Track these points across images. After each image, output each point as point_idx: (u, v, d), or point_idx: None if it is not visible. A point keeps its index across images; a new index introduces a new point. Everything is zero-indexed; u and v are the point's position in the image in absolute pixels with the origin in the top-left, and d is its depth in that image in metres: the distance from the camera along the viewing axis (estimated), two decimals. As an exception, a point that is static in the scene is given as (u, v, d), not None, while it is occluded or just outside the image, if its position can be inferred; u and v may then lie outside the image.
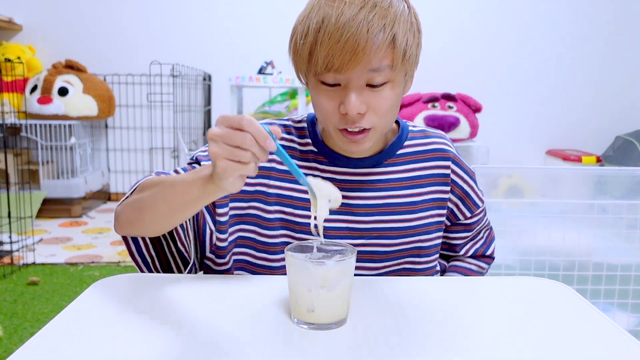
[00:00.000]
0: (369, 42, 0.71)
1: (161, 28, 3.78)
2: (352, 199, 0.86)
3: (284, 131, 0.90)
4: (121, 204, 0.81)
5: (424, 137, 0.91)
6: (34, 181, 3.28)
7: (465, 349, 0.60)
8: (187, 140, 3.47)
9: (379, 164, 0.87)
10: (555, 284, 0.82)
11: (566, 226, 1.55)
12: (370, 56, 0.72)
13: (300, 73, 0.80)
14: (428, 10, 3.71)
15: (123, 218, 0.80)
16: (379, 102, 0.76)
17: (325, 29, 0.72)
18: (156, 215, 0.74)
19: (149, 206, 0.75)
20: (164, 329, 0.64)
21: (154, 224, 0.76)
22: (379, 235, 0.87)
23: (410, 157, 0.89)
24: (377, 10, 0.72)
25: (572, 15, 3.83)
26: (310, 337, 0.63)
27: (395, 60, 0.74)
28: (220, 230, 0.84)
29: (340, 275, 0.65)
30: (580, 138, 3.94)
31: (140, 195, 0.77)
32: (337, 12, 0.72)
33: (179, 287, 0.77)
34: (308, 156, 0.88)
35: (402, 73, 0.77)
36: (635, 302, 1.62)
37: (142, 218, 0.76)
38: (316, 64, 0.74)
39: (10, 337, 1.79)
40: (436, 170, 0.89)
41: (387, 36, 0.72)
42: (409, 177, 0.88)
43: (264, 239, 0.86)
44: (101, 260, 2.57)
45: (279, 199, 0.86)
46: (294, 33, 0.79)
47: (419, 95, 3.43)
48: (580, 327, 0.67)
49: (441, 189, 0.90)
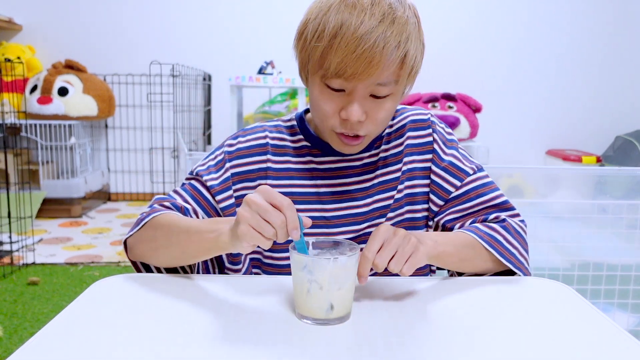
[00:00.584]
0: (383, 57, 0.72)
1: (161, 28, 3.79)
2: (350, 185, 0.89)
3: (275, 130, 0.91)
4: (132, 236, 0.83)
5: (402, 113, 0.93)
6: (34, 181, 3.28)
7: (465, 348, 0.60)
8: (187, 140, 3.47)
9: (370, 147, 0.90)
10: (555, 284, 0.82)
11: (566, 226, 1.54)
12: (381, 70, 0.73)
13: (304, 71, 0.81)
14: (428, 10, 3.71)
15: (138, 253, 0.83)
16: (378, 113, 0.78)
17: (342, 36, 0.72)
18: (171, 257, 0.79)
19: (163, 248, 0.79)
20: (164, 328, 0.64)
21: (168, 263, 0.81)
22: (381, 215, 0.89)
23: (393, 135, 0.91)
24: (395, 27, 0.72)
25: (572, 16, 3.83)
26: (311, 335, 0.63)
27: (402, 75, 0.76)
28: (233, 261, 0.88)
29: (350, 269, 0.66)
30: (580, 138, 3.94)
31: (153, 234, 0.80)
32: (357, 22, 0.71)
33: (179, 287, 0.77)
34: (302, 151, 0.89)
35: (404, 86, 0.80)
36: (635, 302, 1.62)
37: (156, 257, 0.81)
38: (327, 68, 0.74)
39: (10, 337, 1.79)
40: (416, 140, 0.91)
41: (400, 53, 0.73)
42: (394, 153, 0.90)
43: None
44: (101, 260, 2.57)
45: None
46: (304, 29, 0.77)
47: (419, 95, 3.43)
48: (580, 327, 0.67)
49: (422, 157, 0.90)
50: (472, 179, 0.89)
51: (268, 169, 0.88)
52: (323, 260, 0.64)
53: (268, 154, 0.89)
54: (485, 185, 0.89)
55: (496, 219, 0.87)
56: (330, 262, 0.64)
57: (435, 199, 0.90)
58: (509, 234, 0.85)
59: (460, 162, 0.90)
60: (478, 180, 0.89)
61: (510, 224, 0.86)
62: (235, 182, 0.87)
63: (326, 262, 0.64)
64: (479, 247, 0.82)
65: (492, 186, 0.90)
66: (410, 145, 0.91)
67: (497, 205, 0.88)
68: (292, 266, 0.67)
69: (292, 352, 0.59)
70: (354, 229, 0.88)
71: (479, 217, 0.88)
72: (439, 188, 0.89)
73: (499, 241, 0.83)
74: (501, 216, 0.87)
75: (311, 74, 0.79)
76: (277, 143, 0.90)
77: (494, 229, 0.84)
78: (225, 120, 3.66)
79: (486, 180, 0.90)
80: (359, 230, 0.88)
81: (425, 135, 0.91)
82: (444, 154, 0.90)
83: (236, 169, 0.88)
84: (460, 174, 0.89)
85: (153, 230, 0.80)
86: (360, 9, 0.72)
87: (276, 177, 0.88)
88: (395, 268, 0.69)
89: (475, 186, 0.89)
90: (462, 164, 0.90)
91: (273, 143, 0.90)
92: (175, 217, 0.80)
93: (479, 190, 0.89)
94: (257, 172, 0.88)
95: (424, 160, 0.90)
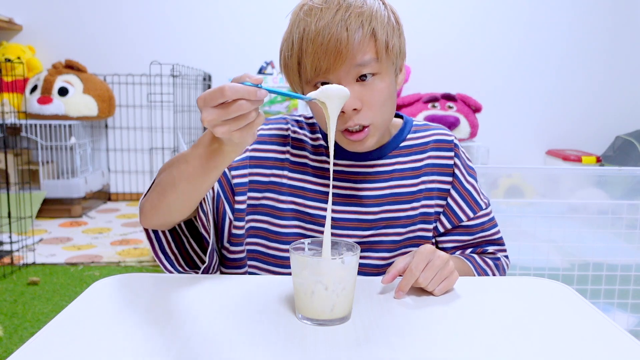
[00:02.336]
0: (350, 40, 0.75)
1: (161, 28, 3.79)
2: (360, 191, 0.89)
3: (297, 126, 0.93)
4: (144, 197, 0.82)
5: (426, 129, 0.94)
6: (34, 181, 3.28)
7: (465, 348, 0.60)
8: (187, 140, 3.47)
9: (384, 155, 0.90)
10: (555, 284, 0.82)
11: (566, 226, 1.54)
12: (353, 52, 0.76)
13: (295, 87, 0.84)
14: (428, 10, 3.71)
15: (147, 206, 0.80)
16: (371, 96, 0.79)
17: (307, 37, 0.76)
18: (177, 194, 0.74)
19: (170, 186, 0.75)
20: (164, 328, 0.64)
21: (177, 203, 0.76)
22: (387, 225, 0.89)
23: (414, 149, 0.92)
24: (352, 10, 0.76)
25: (572, 15, 3.83)
26: (311, 335, 0.63)
27: (379, 52, 0.78)
28: (238, 218, 0.87)
29: (354, 269, 0.66)
30: (580, 138, 3.94)
31: (159, 178, 0.79)
32: (315, 19, 0.76)
33: (179, 287, 0.77)
34: (319, 150, 0.91)
35: (389, 64, 0.80)
36: (635, 302, 1.62)
37: (165, 201, 0.76)
38: (305, 71, 0.78)
39: (10, 337, 1.79)
40: (438, 160, 0.92)
41: (366, 32, 0.76)
42: (412, 167, 0.91)
43: (276, 228, 0.89)
44: (101, 260, 2.57)
45: (292, 189, 0.89)
46: (281, 51, 0.83)
47: (419, 96, 3.43)
48: (580, 327, 0.67)
49: (442, 179, 0.91)
50: (482, 213, 0.94)
51: (287, 161, 0.90)
52: (329, 260, 0.64)
53: (288, 145, 0.91)
54: (490, 221, 0.95)
55: (492, 255, 0.95)
56: (337, 262, 0.64)
57: (445, 221, 0.92)
58: (497, 271, 0.94)
59: (477, 193, 0.93)
60: (486, 216, 0.94)
61: (502, 263, 0.95)
62: (252, 165, 0.89)
63: (333, 263, 0.64)
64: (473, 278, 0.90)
65: (493, 222, 0.96)
66: (432, 165, 0.91)
67: (494, 241, 0.95)
68: (293, 267, 0.67)
69: (292, 352, 0.59)
70: (358, 234, 0.88)
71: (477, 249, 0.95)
72: (452, 212, 0.92)
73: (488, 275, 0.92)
74: (497, 254, 0.95)
75: (301, 85, 0.82)
76: (298, 137, 0.92)
77: (487, 265, 0.92)
78: (225, 120, 3.65)
79: (491, 216, 0.96)
80: (363, 237, 0.88)
81: (447, 157, 0.92)
82: (465, 181, 0.92)
83: (255, 153, 0.90)
84: (474, 206, 0.92)
85: (158, 177, 0.80)
86: (316, 10, 0.77)
87: (293, 170, 0.90)
88: (430, 287, 0.74)
89: (483, 221, 0.94)
90: (478, 196, 0.93)
91: (294, 136, 0.92)
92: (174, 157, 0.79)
93: (485, 225, 0.94)
94: (274, 161, 0.90)
95: (443, 182, 0.91)
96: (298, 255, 0.66)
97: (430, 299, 0.74)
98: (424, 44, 3.69)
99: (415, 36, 3.67)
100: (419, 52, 3.61)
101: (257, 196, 0.89)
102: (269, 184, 0.89)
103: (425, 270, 0.73)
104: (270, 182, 0.89)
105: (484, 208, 0.94)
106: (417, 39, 3.68)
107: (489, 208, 0.95)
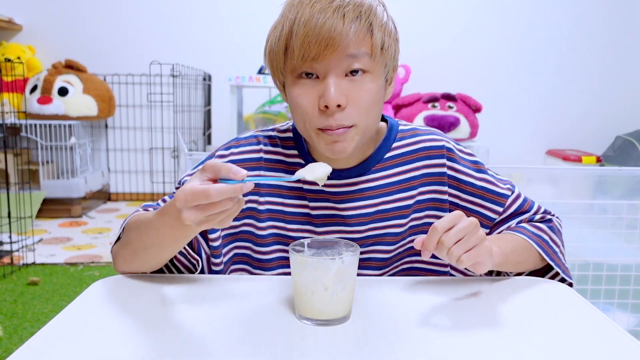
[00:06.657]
0: (345, 28, 0.70)
1: (161, 28, 3.78)
2: (343, 210, 0.83)
3: (269, 143, 0.87)
4: (115, 244, 0.83)
5: (413, 135, 0.86)
6: (34, 181, 3.28)
7: (465, 348, 0.60)
8: (187, 140, 3.47)
9: (367, 171, 0.84)
10: (556, 284, 0.82)
11: (566, 226, 1.54)
12: (347, 41, 0.70)
13: (277, 77, 0.78)
14: (428, 10, 3.71)
15: (120, 261, 0.81)
16: (359, 94, 0.73)
17: (299, 20, 0.71)
18: (149, 255, 0.76)
19: (141, 249, 0.76)
20: (164, 328, 0.64)
21: (150, 262, 0.78)
22: (375, 242, 0.85)
23: (399, 160, 0.85)
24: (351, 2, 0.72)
25: (572, 15, 3.83)
26: (311, 335, 0.63)
27: (374, 49, 0.73)
28: (214, 255, 0.84)
29: (353, 269, 0.66)
30: (580, 138, 3.94)
31: (128, 237, 0.79)
32: (311, 3, 0.71)
33: (179, 287, 0.77)
34: (295, 169, 0.84)
35: (382, 67, 0.75)
36: (635, 302, 1.62)
37: (138, 259, 0.78)
38: (292, 56, 0.72)
39: (10, 337, 1.79)
40: (428, 170, 0.85)
41: (363, 24, 0.72)
42: (398, 180, 0.84)
43: (258, 255, 0.86)
44: (101, 260, 2.57)
45: (270, 214, 0.85)
46: (268, 36, 0.77)
47: (419, 95, 3.43)
48: (581, 327, 0.67)
49: (436, 188, 0.85)
50: (511, 200, 0.87)
51: (260, 186, 0.85)
52: (328, 260, 0.64)
53: (261, 169, 0.86)
54: (525, 201, 0.88)
55: (542, 219, 0.88)
56: (336, 262, 0.64)
57: None
58: (554, 233, 0.87)
59: (494, 185, 0.86)
60: (517, 200, 0.87)
61: (555, 224, 0.88)
62: None
63: (332, 263, 0.64)
64: (532, 249, 0.83)
65: (528, 201, 0.89)
66: (428, 174, 0.85)
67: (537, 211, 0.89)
68: (293, 267, 0.67)
69: (292, 352, 0.59)
70: None
71: None
72: (479, 216, 0.85)
73: (546, 241, 0.85)
74: (547, 216, 0.89)
75: (283, 73, 0.77)
76: (271, 157, 0.86)
77: (541, 229, 0.85)
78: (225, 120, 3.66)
79: (523, 197, 0.88)
80: None
81: (439, 165, 0.85)
82: (475, 179, 0.85)
83: None
84: (499, 199, 0.86)
85: (127, 233, 0.80)
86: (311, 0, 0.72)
87: (268, 194, 0.85)
88: (456, 251, 0.66)
89: (516, 207, 0.87)
90: (497, 187, 0.86)
91: (267, 157, 0.86)
92: (143, 214, 0.78)
93: (522, 209, 0.88)
94: None
95: (437, 192, 0.85)
96: (298, 255, 0.65)
97: (430, 299, 0.74)
98: (424, 44, 3.69)
99: (415, 36, 3.67)
100: (419, 52, 3.60)
101: (236, 224, 0.85)
102: (245, 211, 0.84)
103: (450, 231, 0.66)
104: (247, 208, 0.84)
105: (509, 195, 0.86)
106: (417, 39, 3.68)
107: (516, 190, 0.87)
